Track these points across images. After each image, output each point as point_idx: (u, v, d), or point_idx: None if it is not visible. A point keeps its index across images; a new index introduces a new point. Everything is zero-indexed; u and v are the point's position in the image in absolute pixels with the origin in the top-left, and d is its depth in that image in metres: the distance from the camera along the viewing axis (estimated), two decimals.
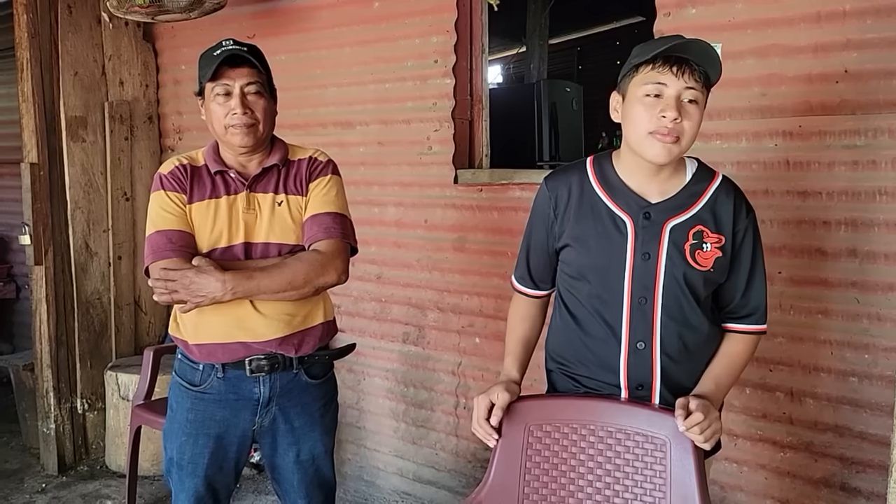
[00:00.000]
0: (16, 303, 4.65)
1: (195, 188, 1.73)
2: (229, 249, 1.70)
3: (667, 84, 1.33)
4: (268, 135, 1.76)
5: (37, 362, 3.28)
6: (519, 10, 5.87)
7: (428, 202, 2.82)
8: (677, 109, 1.33)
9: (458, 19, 2.67)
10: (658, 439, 1.38)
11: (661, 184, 1.44)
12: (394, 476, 3.03)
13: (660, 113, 1.33)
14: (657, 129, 1.34)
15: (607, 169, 1.48)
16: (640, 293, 1.42)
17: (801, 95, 2.02)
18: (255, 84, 1.70)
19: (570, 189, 1.49)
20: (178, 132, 3.58)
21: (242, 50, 1.69)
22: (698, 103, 1.35)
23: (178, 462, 1.79)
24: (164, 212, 1.70)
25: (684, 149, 1.37)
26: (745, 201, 1.46)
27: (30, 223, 3.13)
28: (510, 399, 1.46)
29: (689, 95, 1.34)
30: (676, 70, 1.32)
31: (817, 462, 2.08)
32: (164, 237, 1.67)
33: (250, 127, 1.69)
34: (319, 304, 1.82)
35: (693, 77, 1.33)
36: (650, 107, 1.35)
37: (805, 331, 2.07)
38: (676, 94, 1.33)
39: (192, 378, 1.77)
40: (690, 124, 1.35)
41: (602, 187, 1.47)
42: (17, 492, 3.12)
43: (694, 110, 1.35)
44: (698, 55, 1.34)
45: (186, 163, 1.77)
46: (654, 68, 1.34)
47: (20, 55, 3.10)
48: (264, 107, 1.72)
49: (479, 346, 2.75)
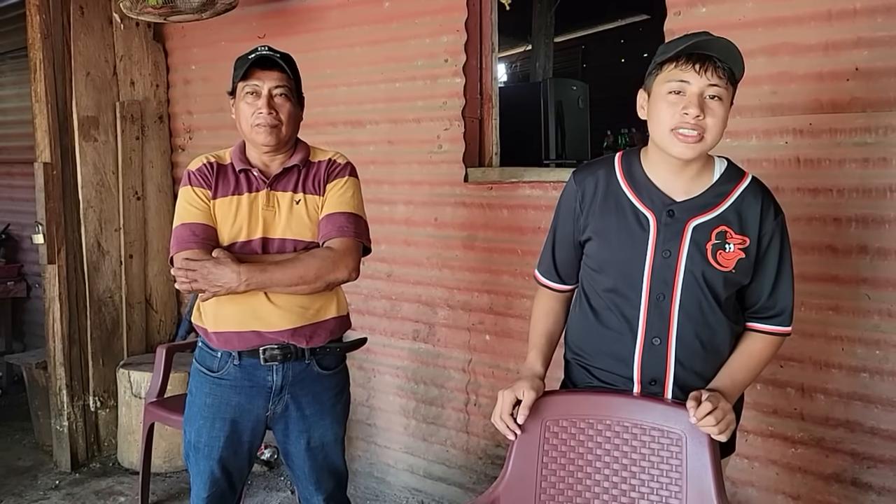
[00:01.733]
0: (27, 301, 4.68)
1: (220, 184, 1.82)
2: (248, 244, 1.79)
3: (689, 81, 1.35)
4: (291, 137, 1.84)
5: (50, 360, 3.31)
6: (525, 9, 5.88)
7: (438, 200, 2.84)
8: (700, 106, 1.34)
9: (468, 18, 2.69)
10: (674, 434, 1.39)
11: (688, 182, 1.45)
12: (404, 473, 3.05)
13: (682, 110, 1.35)
14: (679, 127, 1.35)
15: (634, 165, 1.49)
16: (658, 290, 1.43)
17: (811, 93, 2.03)
18: (283, 87, 1.78)
19: (596, 183, 1.50)
20: (188, 131, 3.60)
21: (275, 55, 1.78)
22: (722, 100, 1.36)
23: (195, 444, 1.88)
24: (189, 206, 1.80)
25: (709, 145, 1.38)
26: (773, 203, 1.46)
27: (43, 222, 3.15)
28: (536, 397, 1.46)
29: (712, 92, 1.35)
30: (699, 67, 1.34)
31: (828, 458, 2.10)
32: (189, 230, 1.77)
33: (274, 127, 1.77)
34: (333, 298, 1.87)
35: (717, 74, 1.34)
36: (673, 104, 1.36)
37: (816, 327, 2.09)
38: (699, 92, 1.35)
39: (210, 364, 1.86)
40: (714, 121, 1.36)
41: (627, 183, 1.48)
42: (31, 489, 3.15)
43: (718, 107, 1.36)
44: (721, 52, 1.35)
45: (213, 160, 1.85)
46: (677, 66, 1.35)
47: (33, 56, 3.12)
48: (289, 110, 1.80)
49: (489, 343, 2.77)
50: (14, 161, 4.62)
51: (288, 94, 1.79)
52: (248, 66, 1.76)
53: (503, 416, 1.46)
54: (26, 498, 3.07)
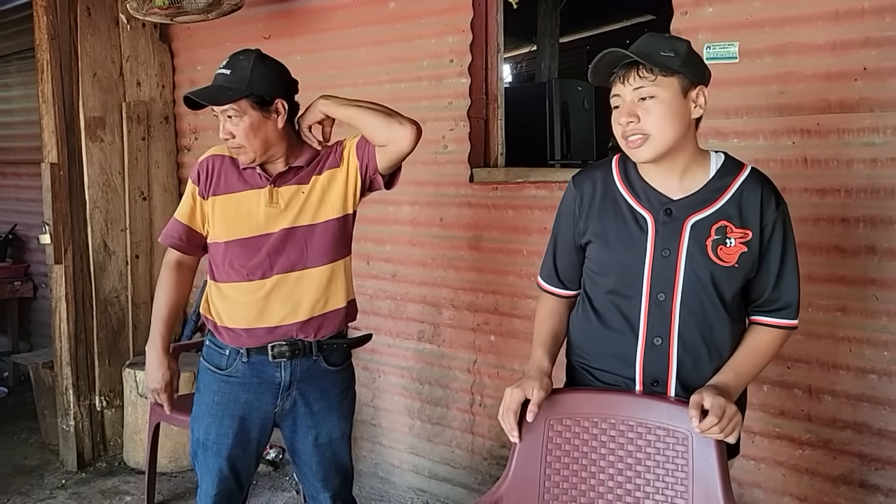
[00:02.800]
0: (34, 301, 4.69)
1: (222, 180, 1.84)
2: (252, 239, 1.81)
3: (619, 94, 1.41)
4: (268, 146, 1.80)
5: (56, 360, 3.32)
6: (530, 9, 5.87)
7: (443, 201, 2.83)
8: (630, 113, 1.38)
9: (473, 19, 2.68)
10: (679, 433, 1.39)
11: (683, 180, 1.45)
12: (409, 473, 3.05)
13: (618, 120, 1.41)
14: (623, 136, 1.40)
15: (631, 167, 1.50)
16: (659, 289, 1.43)
17: (819, 93, 2.03)
18: (231, 109, 1.75)
19: (594, 186, 1.51)
20: (193, 132, 3.61)
21: (223, 79, 1.75)
22: (656, 97, 1.37)
23: (203, 442, 1.89)
24: (183, 201, 1.91)
25: (660, 142, 1.38)
26: (774, 193, 1.45)
27: (50, 222, 3.16)
28: (545, 397, 1.44)
29: (641, 94, 1.38)
30: (623, 78, 1.39)
31: (836, 459, 2.09)
32: (173, 227, 1.90)
33: (238, 148, 1.78)
34: (341, 285, 1.89)
35: (638, 74, 1.37)
36: (616, 118, 1.42)
37: (823, 328, 2.08)
38: (631, 100, 1.39)
39: (218, 362, 1.87)
40: (653, 119, 1.37)
41: (624, 184, 1.49)
42: (38, 488, 3.16)
43: (653, 104, 1.37)
44: (640, 49, 1.38)
45: (221, 155, 1.87)
46: (611, 83, 1.43)
47: (40, 57, 3.14)
48: (245, 128, 1.75)
49: (494, 343, 2.76)
50: (21, 161, 4.64)
51: (236, 115, 1.74)
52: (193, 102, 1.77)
53: (508, 414, 1.43)
54: (33, 497, 3.08)
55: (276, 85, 1.79)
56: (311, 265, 1.83)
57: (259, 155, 1.79)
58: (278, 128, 1.79)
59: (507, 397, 1.45)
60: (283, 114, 1.80)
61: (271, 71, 1.79)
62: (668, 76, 1.37)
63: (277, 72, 1.82)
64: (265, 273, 1.80)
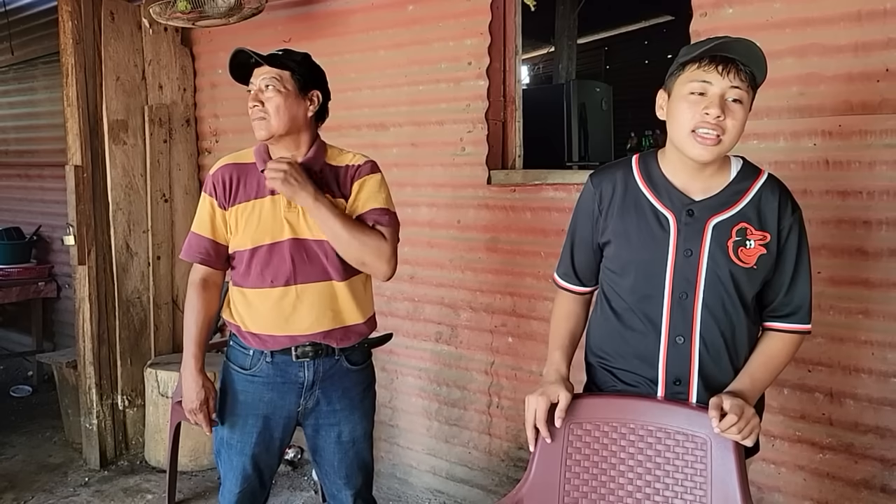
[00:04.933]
0: (57, 301, 4.77)
1: (240, 189, 1.85)
2: (275, 246, 1.82)
3: (711, 82, 1.35)
4: (286, 129, 1.82)
5: (80, 360, 3.37)
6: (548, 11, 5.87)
7: (461, 203, 2.84)
8: (720, 107, 1.35)
9: (491, 21, 2.69)
10: (699, 438, 1.39)
11: (705, 181, 1.45)
12: (426, 474, 3.06)
13: (703, 110, 1.35)
14: (699, 127, 1.36)
15: (652, 166, 1.50)
16: (681, 288, 1.44)
17: (841, 95, 2.01)
18: (269, 80, 1.80)
19: (614, 185, 1.51)
20: (214, 135, 3.65)
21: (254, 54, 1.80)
22: (743, 103, 1.37)
23: (227, 441, 1.91)
24: (201, 214, 1.89)
25: (727, 148, 1.38)
26: (790, 199, 1.46)
27: (74, 224, 3.21)
28: (570, 401, 1.46)
29: (733, 94, 1.36)
30: (722, 69, 1.34)
31: (857, 463, 2.07)
32: (199, 243, 1.88)
33: (261, 120, 1.80)
34: (364, 300, 1.92)
35: (738, 76, 1.35)
36: (694, 104, 1.37)
37: (845, 331, 2.06)
38: (721, 93, 1.35)
39: (242, 362, 1.89)
40: (734, 123, 1.36)
41: (646, 184, 1.49)
42: (62, 485, 3.21)
43: (738, 109, 1.36)
44: (744, 55, 1.35)
45: (233, 163, 1.89)
46: (699, 67, 1.36)
47: (65, 61, 3.19)
48: (278, 103, 1.79)
49: (511, 345, 2.77)
50: (46, 164, 4.71)
51: (278, 87, 1.79)
52: (243, 70, 1.82)
53: (539, 423, 1.45)
54: (57, 494, 3.13)
55: (316, 79, 1.89)
56: (335, 278, 1.84)
57: (278, 132, 1.81)
58: (308, 115, 1.85)
59: (532, 405, 1.46)
60: (315, 104, 1.86)
61: (316, 67, 1.91)
62: (752, 88, 1.39)
63: (320, 71, 1.92)
64: (288, 280, 1.81)
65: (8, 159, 5.15)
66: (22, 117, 5.03)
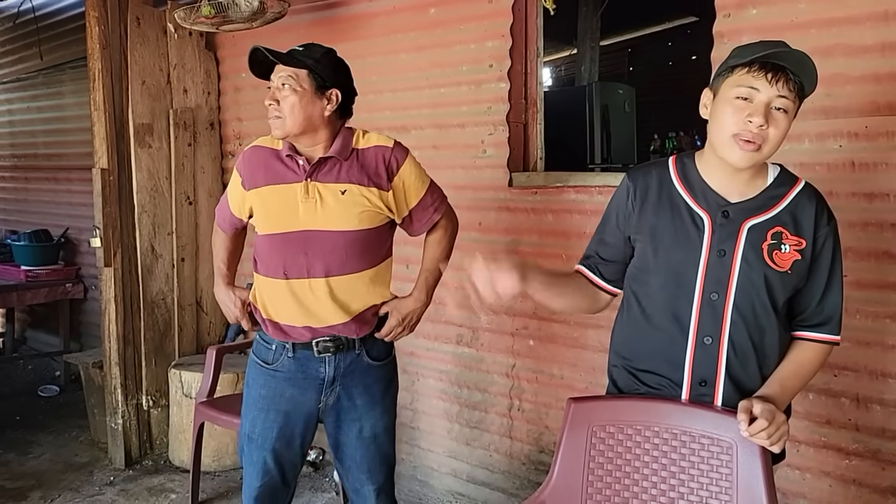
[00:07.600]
0: (84, 303, 4.84)
1: (264, 172, 1.88)
2: (289, 235, 1.84)
3: (759, 89, 1.34)
4: (303, 127, 1.83)
5: (105, 360, 3.42)
6: (570, 13, 5.85)
7: (482, 205, 2.84)
8: (765, 116, 1.33)
9: (513, 23, 2.69)
10: (724, 442, 1.37)
11: (742, 185, 1.44)
12: (447, 476, 3.06)
13: (747, 117, 1.34)
14: (741, 133, 1.35)
15: (689, 167, 1.50)
16: (711, 289, 1.43)
17: (867, 95, 1.98)
18: (285, 78, 1.81)
19: (649, 183, 1.51)
20: (238, 138, 3.69)
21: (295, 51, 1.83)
22: (788, 112, 1.36)
23: (249, 435, 1.94)
24: (230, 186, 2.01)
25: (766, 156, 1.38)
26: (827, 208, 1.46)
27: (100, 226, 3.26)
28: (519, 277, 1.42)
29: (779, 103, 1.35)
30: (771, 77, 1.33)
31: (885, 470, 2.03)
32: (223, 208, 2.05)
33: (277, 119, 1.82)
34: (382, 286, 1.96)
35: (787, 86, 1.34)
36: (739, 109, 1.36)
37: (872, 335, 2.03)
38: (767, 101, 1.34)
39: (265, 357, 1.92)
40: (776, 132, 1.35)
41: (682, 184, 1.48)
42: (88, 484, 3.26)
43: (782, 119, 1.35)
44: (796, 64, 1.34)
45: (263, 146, 1.92)
46: (749, 72, 1.35)
47: (92, 66, 3.24)
48: (293, 102, 1.80)
49: (532, 348, 2.76)
50: (73, 167, 4.79)
51: (294, 85, 1.80)
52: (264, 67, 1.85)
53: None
54: (82, 493, 3.18)
55: (338, 76, 1.88)
56: (352, 270, 1.86)
57: (293, 132, 1.82)
58: (325, 114, 1.85)
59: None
60: (334, 103, 1.86)
61: (339, 64, 1.90)
62: (800, 99, 1.38)
63: (344, 68, 1.91)
64: (302, 273, 1.84)
65: (37, 162, 5.23)
66: (50, 121, 5.12)
